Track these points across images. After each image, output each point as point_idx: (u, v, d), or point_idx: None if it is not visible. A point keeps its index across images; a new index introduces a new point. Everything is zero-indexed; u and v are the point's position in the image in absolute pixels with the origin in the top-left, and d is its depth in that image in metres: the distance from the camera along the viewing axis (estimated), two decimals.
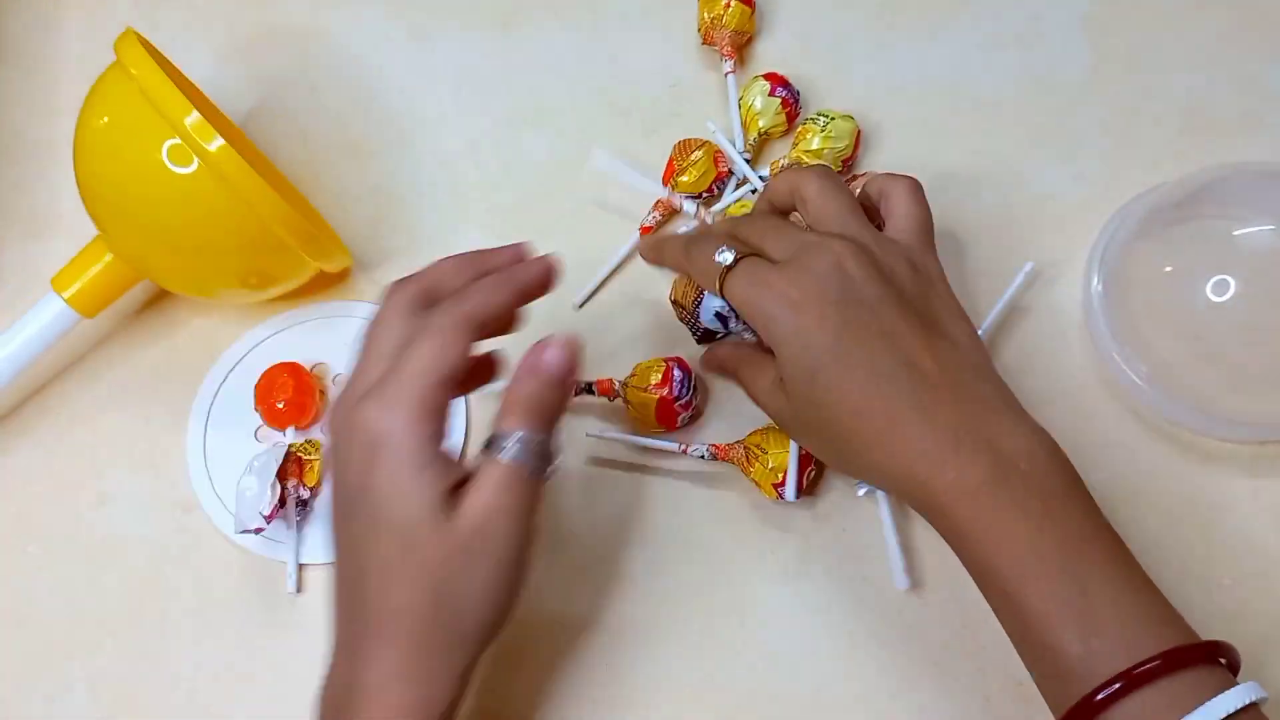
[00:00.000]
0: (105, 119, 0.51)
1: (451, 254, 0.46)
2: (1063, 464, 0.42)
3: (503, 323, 0.44)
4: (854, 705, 0.51)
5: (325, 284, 0.60)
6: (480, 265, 0.45)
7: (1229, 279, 0.53)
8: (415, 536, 0.38)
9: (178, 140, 0.49)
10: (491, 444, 0.40)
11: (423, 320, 0.41)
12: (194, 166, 0.49)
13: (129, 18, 0.64)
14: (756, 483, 0.52)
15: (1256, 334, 0.53)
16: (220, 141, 0.48)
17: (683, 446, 0.53)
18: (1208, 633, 0.39)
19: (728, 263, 0.45)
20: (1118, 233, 0.56)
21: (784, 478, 0.51)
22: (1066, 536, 0.40)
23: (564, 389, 0.42)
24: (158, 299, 0.60)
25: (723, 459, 0.53)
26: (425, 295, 0.43)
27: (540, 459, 0.40)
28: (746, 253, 0.45)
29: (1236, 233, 0.54)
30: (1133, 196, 0.58)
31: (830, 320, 0.42)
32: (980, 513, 0.40)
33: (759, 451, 0.51)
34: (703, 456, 0.53)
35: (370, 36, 0.66)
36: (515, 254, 0.45)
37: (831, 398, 0.43)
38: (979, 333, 0.54)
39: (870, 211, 0.49)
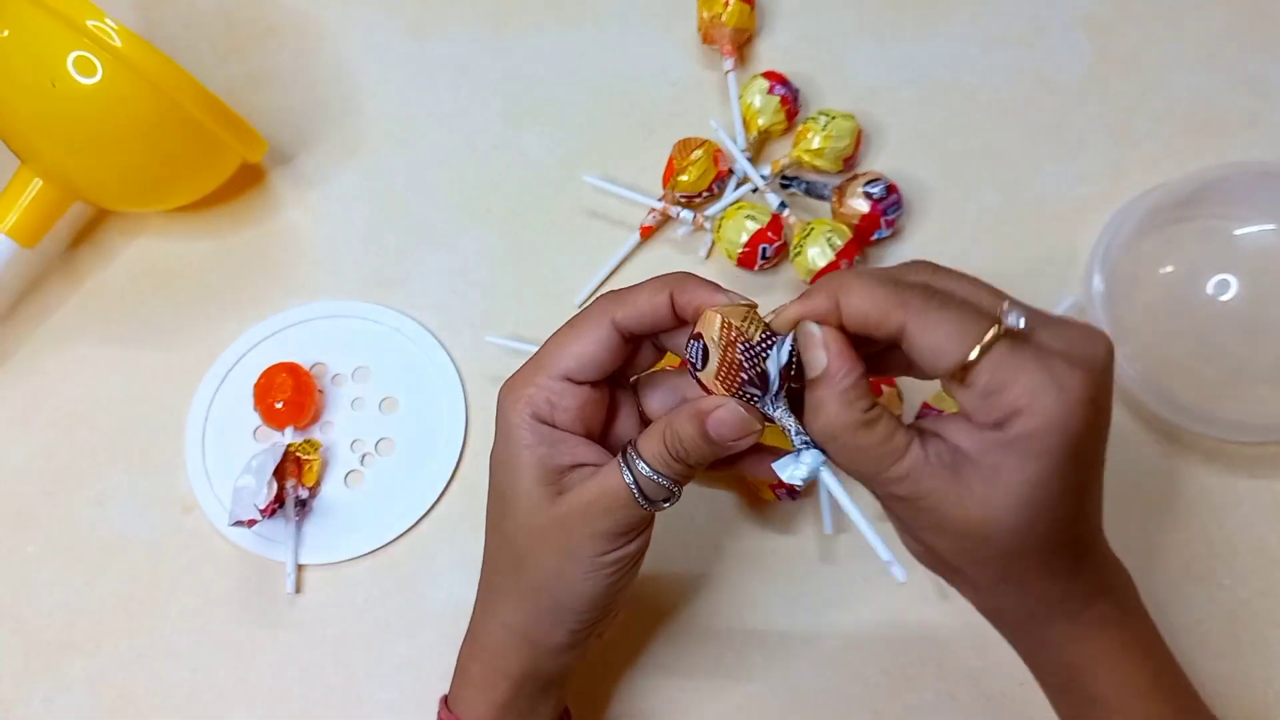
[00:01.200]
0: (4, 33, 0.51)
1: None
2: (1136, 594, 0.41)
3: (659, 321, 0.40)
4: (854, 705, 0.51)
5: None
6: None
7: (1229, 279, 0.52)
8: (513, 505, 0.40)
9: (82, 51, 0.49)
10: (625, 451, 0.39)
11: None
12: (101, 72, 0.49)
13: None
14: (755, 484, 0.52)
15: (1256, 334, 0.53)
16: (125, 33, 0.48)
17: None
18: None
19: (1017, 324, 0.34)
20: (1118, 233, 0.56)
21: (780, 481, 0.51)
22: (1161, 668, 0.40)
23: (713, 451, 0.38)
24: (157, 295, 0.60)
25: None
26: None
27: (652, 490, 0.38)
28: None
29: (1236, 232, 0.54)
30: (1133, 196, 0.58)
31: (1102, 434, 0.36)
32: (1093, 651, 0.39)
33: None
34: None
35: (370, 36, 0.66)
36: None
37: (1057, 509, 0.36)
38: None
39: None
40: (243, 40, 0.67)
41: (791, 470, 0.37)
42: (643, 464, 0.38)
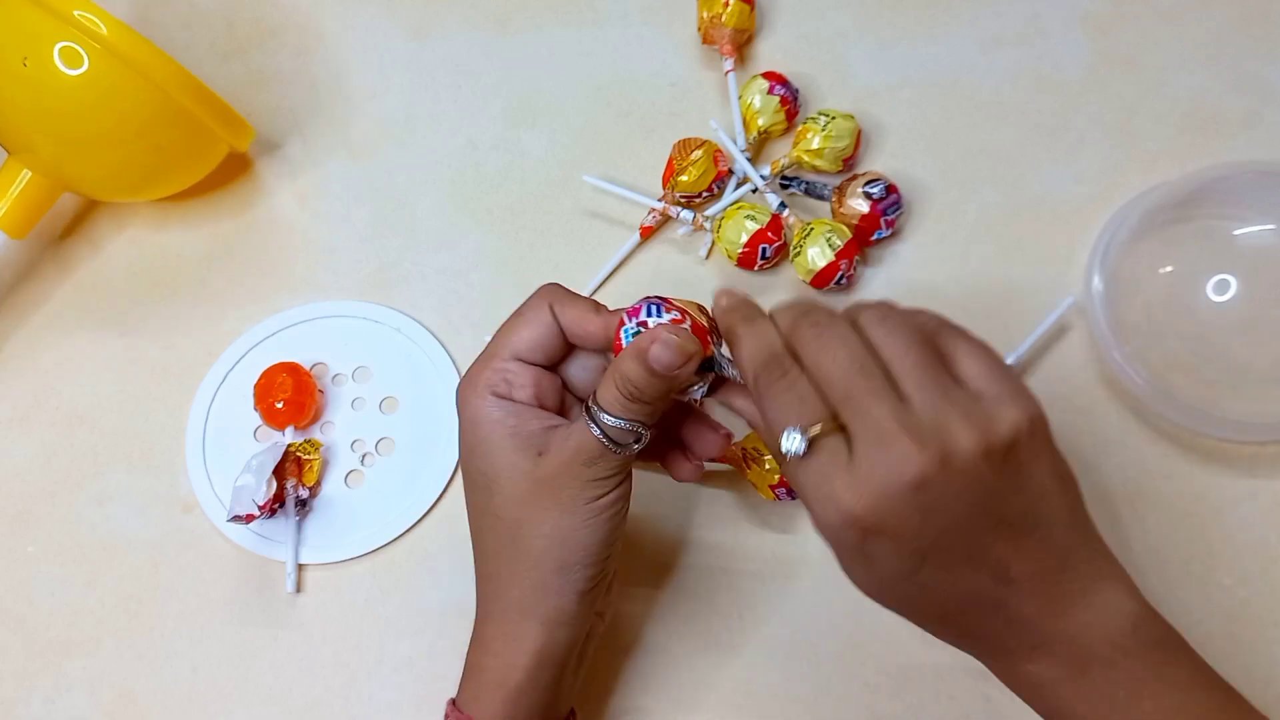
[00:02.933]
0: None
1: None
2: (1149, 639, 0.40)
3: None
4: (854, 705, 0.51)
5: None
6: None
7: (1229, 279, 0.53)
8: (496, 483, 0.43)
9: (68, 42, 0.49)
10: (587, 406, 0.42)
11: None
12: (87, 62, 0.49)
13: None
14: (754, 484, 0.52)
15: (1256, 334, 0.53)
16: (111, 20, 0.48)
17: None
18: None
19: (798, 452, 0.37)
20: (1118, 233, 0.56)
21: (781, 479, 0.51)
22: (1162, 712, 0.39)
23: (664, 383, 0.41)
24: (157, 295, 0.60)
25: (720, 460, 0.53)
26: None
27: (620, 435, 0.41)
28: (829, 429, 0.37)
29: (1236, 232, 0.54)
30: (1133, 196, 0.58)
31: (905, 556, 0.37)
32: (1059, 702, 0.39)
33: (756, 454, 0.51)
34: None
35: (370, 36, 0.66)
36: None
37: (907, 611, 0.40)
38: (1011, 360, 0.54)
39: None
40: (243, 40, 0.67)
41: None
42: (605, 415, 0.41)
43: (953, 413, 0.36)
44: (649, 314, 0.42)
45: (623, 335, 0.42)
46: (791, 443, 0.37)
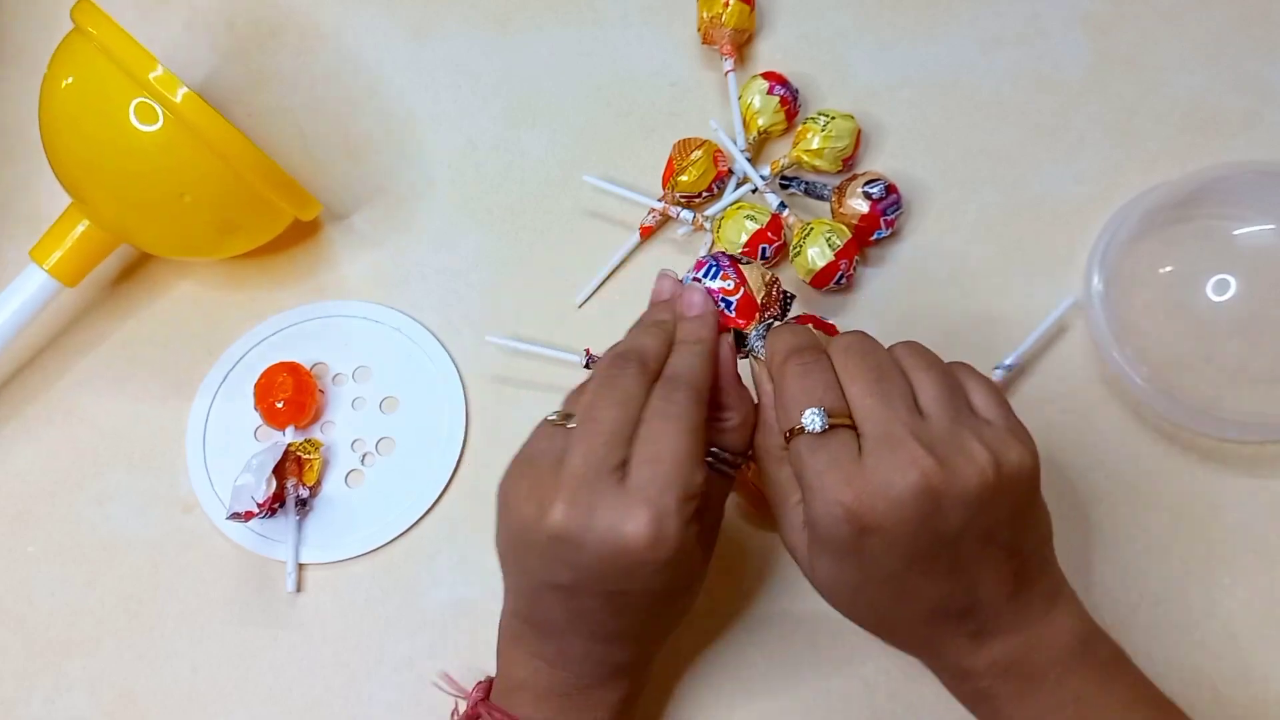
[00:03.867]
0: (69, 80, 0.51)
1: (639, 318, 0.45)
2: (1097, 657, 0.41)
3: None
4: (854, 704, 0.51)
5: (299, 236, 0.60)
6: (661, 326, 0.44)
7: (1229, 279, 0.53)
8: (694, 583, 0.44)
9: (144, 99, 0.48)
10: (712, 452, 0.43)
11: (658, 404, 0.40)
12: (161, 122, 0.49)
13: (130, 18, 0.64)
14: (755, 485, 0.52)
15: (1256, 334, 0.53)
16: (185, 90, 0.48)
17: None
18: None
19: (819, 428, 0.38)
20: (1118, 233, 0.56)
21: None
22: None
23: (709, 343, 0.43)
24: (157, 296, 0.60)
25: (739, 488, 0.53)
26: (642, 367, 0.41)
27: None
28: (840, 422, 0.39)
29: (1236, 232, 0.54)
30: (1133, 196, 0.58)
31: (894, 558, 0.38)
32: (1008, 713, 0.41)
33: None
34: None
35: (370, 36, 0.66)
36: (671, 296, 0.45)
37: (866, 615, 0.41)
38: (1011, 360, 0.54)
39: None
40: (243, 41, 0.67)
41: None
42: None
43: (965, 433, 0.38)
44: (706, 273, 0.44)
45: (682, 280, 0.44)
46: (813, 420, 0.38)
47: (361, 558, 0.54)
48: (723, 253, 0.45)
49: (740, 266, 0.44)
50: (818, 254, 0.55)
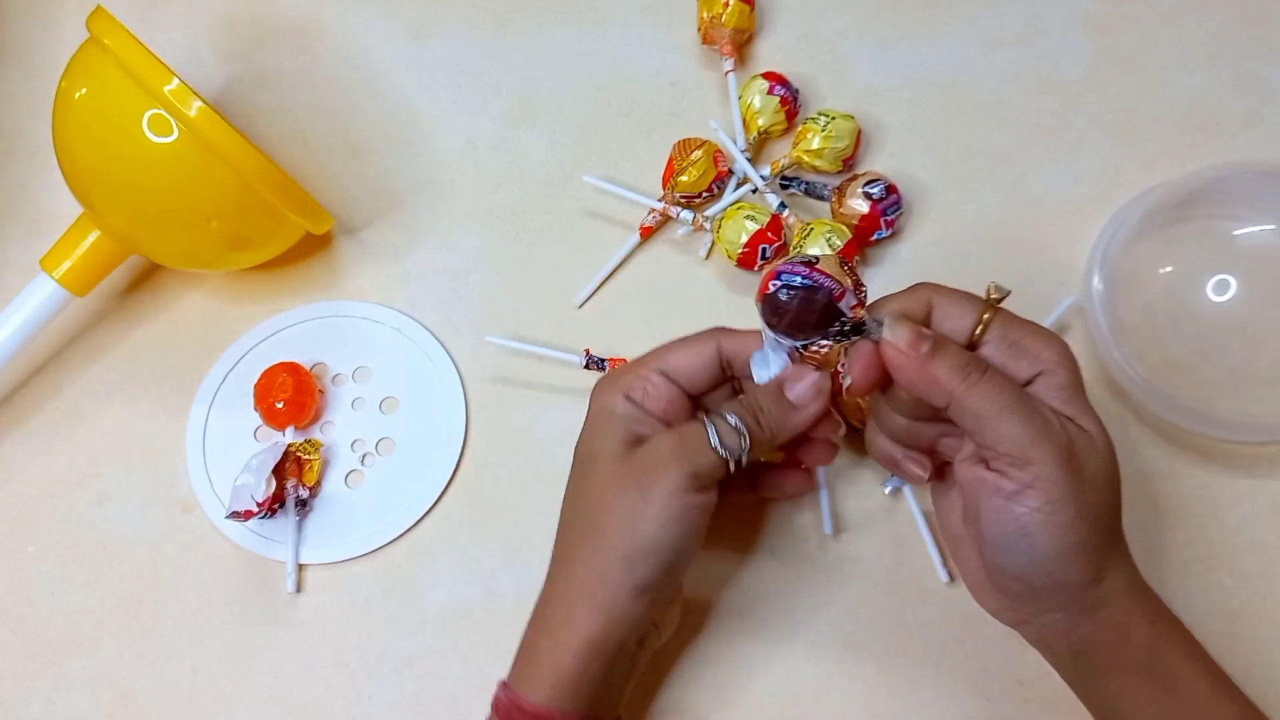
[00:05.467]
0: (83, 91, 0.50)
1: None
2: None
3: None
4: (854, 705, 0.51)
5: (311, 249, 0.60)
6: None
7: (1229, 279, 0.52)
8: (593, 466, 0.45)
9: (158, 110, 0.48)
10: (710, 411, 0.45)
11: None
12: (175, 134, 0.48)
13: (129, 18, 0.64)
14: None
15: (1256, 334, 0.53)
16: (200, 104, 0.48)
17: None
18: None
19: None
20: (1118, 233, 0.56)
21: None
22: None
23: (788, 428, 0.45)
24: (157, 297, 0.60)
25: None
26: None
27: (728, 438, 0.43)
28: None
29: (1236, 233, 0.54)
30: (1133, 196, 0.58)
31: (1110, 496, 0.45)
32: (1123, 614, 0.43)
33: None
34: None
35: (370, 36, 0.66)
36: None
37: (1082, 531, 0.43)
38: None
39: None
40: (243, 41, 0.67)
41: (760, 371, 0.45)
42: (724, 416, 0.43)
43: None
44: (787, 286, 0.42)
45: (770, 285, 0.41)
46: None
47: (361, 558, 0.54)
48: (794, 260, 0.42)
49: (814, 267, 0.41)
50: (818, 254, 0.55)
